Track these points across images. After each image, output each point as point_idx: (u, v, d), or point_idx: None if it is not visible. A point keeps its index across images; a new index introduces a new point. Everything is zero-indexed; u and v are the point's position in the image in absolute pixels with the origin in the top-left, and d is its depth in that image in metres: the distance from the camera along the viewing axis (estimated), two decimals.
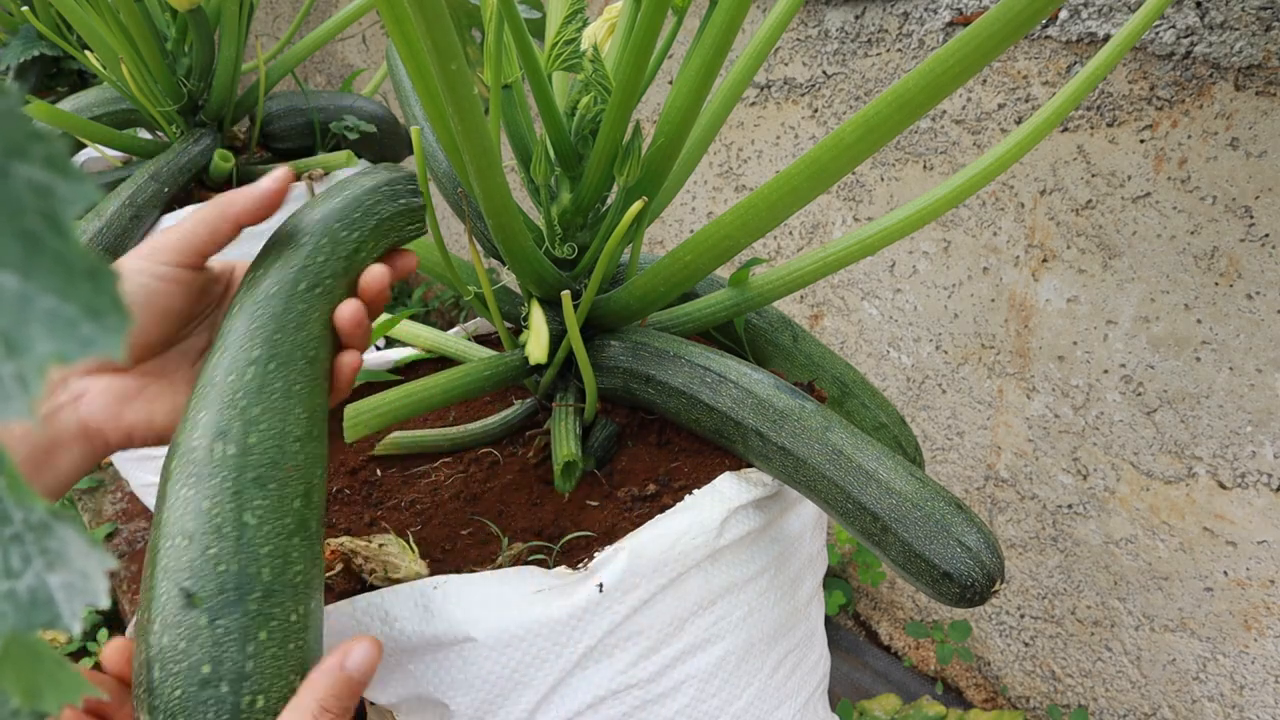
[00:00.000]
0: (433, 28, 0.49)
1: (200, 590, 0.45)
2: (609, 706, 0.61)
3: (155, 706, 0.43)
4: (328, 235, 0.57)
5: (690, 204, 1.59)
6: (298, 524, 0.49)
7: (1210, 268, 0.94)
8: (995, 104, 1.07)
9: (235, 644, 0.44)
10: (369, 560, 0.62)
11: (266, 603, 0.46)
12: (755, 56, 0.76)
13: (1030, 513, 1.21)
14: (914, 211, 0.67)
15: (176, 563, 0.45)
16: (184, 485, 0.47)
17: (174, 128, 1.38)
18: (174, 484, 0.48)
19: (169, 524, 0.47)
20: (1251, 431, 0.95)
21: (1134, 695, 1.17)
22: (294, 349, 0.53)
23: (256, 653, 0.45)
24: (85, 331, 0.17)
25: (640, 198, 0.66)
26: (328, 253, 0.57)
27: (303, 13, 1.41)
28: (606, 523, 0.68)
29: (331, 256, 0.57)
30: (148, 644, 0.44)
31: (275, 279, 0.55)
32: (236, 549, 0.46)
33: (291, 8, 2.64)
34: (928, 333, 1.25)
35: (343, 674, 0.46)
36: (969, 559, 0.58)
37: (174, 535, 0.46)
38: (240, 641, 0.44)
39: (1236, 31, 0.85)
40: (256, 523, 0.47)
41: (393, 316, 0.77)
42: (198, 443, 0.48)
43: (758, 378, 0.67)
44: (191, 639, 0.44)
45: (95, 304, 0.17)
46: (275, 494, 0.48)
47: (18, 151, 0.17)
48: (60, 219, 0.17)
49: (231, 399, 0.50)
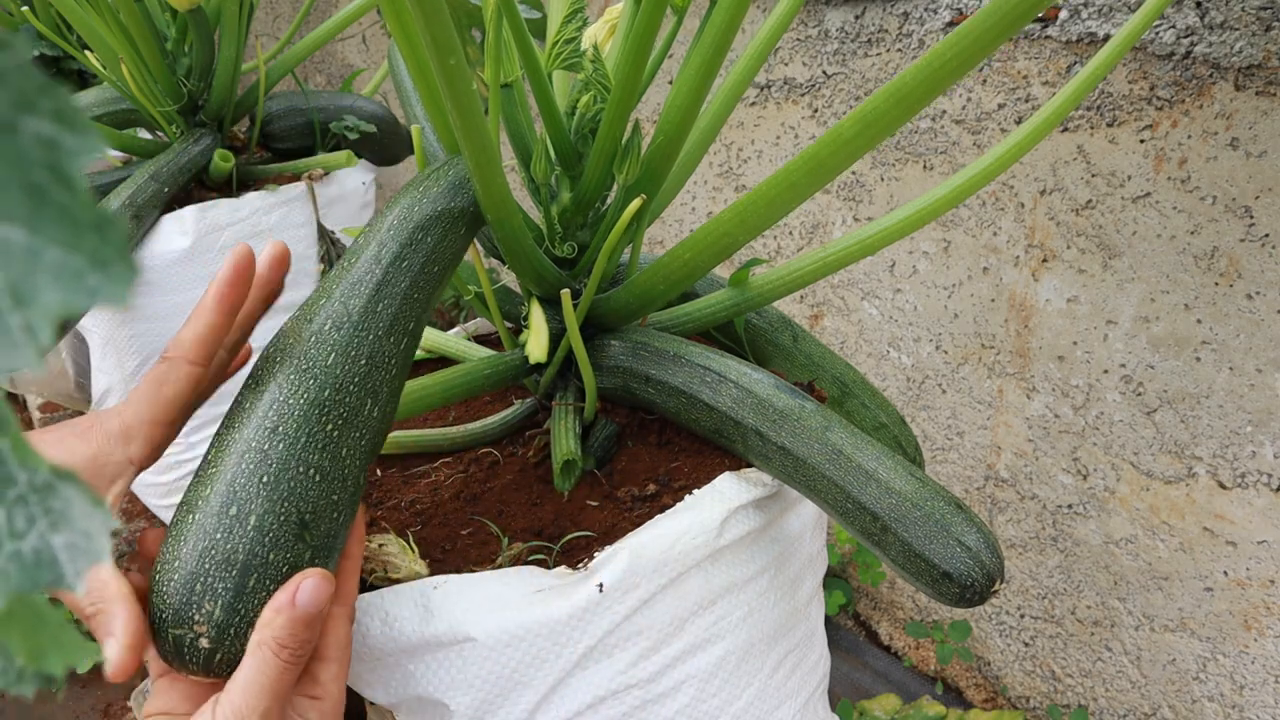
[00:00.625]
0: (433, 25, 0.49)
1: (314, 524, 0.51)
2: (609, 706, 0.61)
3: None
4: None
5: (690, 204, 1.59)
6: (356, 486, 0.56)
7: (1210, 268, 0.94)
8: (995, 104, 1.07)
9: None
10: (369, 560, 0.62)
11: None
12: (755, 56, 0.76)
13: (1030, 513, 1.21)
14: (914, 211, 0.67)
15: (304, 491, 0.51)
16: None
17: (174, 128, 1.38)
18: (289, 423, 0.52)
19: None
20: (1251, 431, 0.95)
21: (1134, 695, 1.17)
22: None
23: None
24: (91, 282, 0.17)
25: (639, 196, 0.66)
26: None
27: (303, 13, 1.41)
28: (606, 523, 0.67)
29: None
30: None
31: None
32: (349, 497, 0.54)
33: (291, 8, 2.64)
34: (928, 333, 1.25)
35: (295, 610, 0.48)
36: (969, 559, 0.58)
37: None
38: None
39: (1236, 31, 0.85)
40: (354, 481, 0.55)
41: None
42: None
43: (758, 378, 0.67)
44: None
45: (101, 255, 0.17)
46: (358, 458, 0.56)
47: (26, 105, 0.17)
48: (67, 172, 0.17)
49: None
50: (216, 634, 0.47)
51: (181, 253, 1.28)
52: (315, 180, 1.41)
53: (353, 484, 0.54)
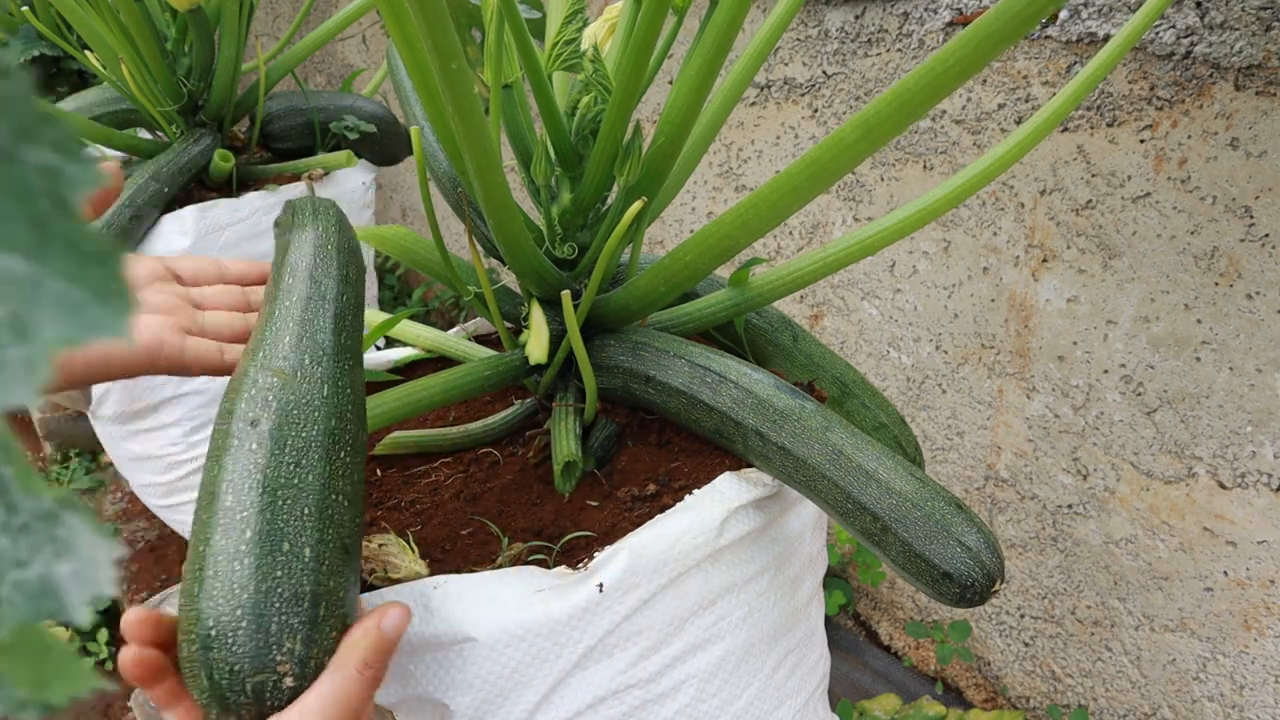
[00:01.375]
0: (433, 27, 0.49)
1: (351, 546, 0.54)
2: (609, 706, 0.61)
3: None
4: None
5: (690, 204, 1.59)
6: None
7: (1210, 268, 0.94)
8: (995, 104, 1.07)
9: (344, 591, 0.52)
10: (369, 560, 0.62)
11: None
12: (755, 56, 0.76)
13: (1030, 513, 1.21)
14: (914, 211, 0.67)
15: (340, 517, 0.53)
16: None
17: (174, 128, 1.37)
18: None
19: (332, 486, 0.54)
20: (1251, 431, 0.95)
21: (1134, 695, 1.17)
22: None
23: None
24: (93, 314, 0.17)
25: (640, 198, 0.66)
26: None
27: (303, 13, 1.41)
28: (606, 523, 0.67)
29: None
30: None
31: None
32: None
33: (291, 8, 2.64)
34: (928, 333, 1.25)
35: (379, 633, 0.50)
36: (969, 559, 0.58)
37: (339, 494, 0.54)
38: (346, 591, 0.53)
39: (1236, 31, 0.85)
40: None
41: (393, 316, 0.77)
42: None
43: (758, 378, 0.67)
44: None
45: (103, 287, 0.17)
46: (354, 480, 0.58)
47: (26, 134, 0.17)
48: (68, 202, 0.17)
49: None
50: (299, 669, 0.47)
51: (181, 253, 1.28)
52: (315, 180, 1.41)
53: (361, 504, 0.57)
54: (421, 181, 0.65)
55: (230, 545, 0.49)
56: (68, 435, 1.98)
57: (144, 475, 1.45)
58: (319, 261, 0.64)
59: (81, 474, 1.90)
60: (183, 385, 1.34)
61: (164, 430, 1.37)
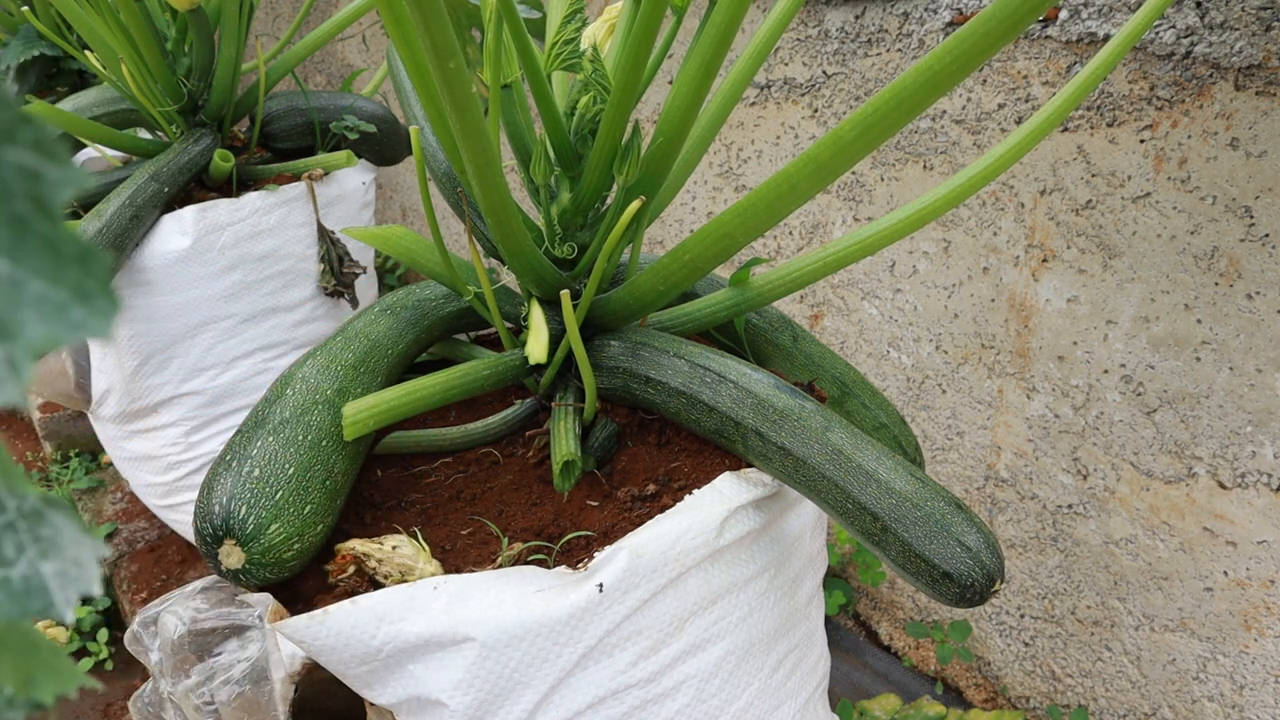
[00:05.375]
0: (430, 26, 0.49)
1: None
2: (609, 706, 0.61)
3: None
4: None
5: (690, 204, 1.59)
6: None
7: (1210, 268, 0.94)
8: (995, 104, 1.07)
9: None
10: (383, 563, 0.62)
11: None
12: (755, 56, 0.76)
13: (1030, 513, 1.21)
14: (914, 212, 0.67)
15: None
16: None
17: (174, 128, 1.37)
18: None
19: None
20: (1251, 431, 0.95)
21: (1134, 695, 1.17)
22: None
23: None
24: (75, 315, 0.17)
25: (639, 197, 0.66)
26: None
27: (303, 13, 1.41)
28: (606, 523, 0.67)
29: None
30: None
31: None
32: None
33: (291, 8, 2.64)
34: (928, 333, 1.25)
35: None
36: (969, 559, 0.58)
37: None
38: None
39: (1236, 31, 0.85)
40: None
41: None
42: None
43: (758, 378, 0.67)
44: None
45: (84, 287, 0.17)
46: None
47: (6, 135, 0.17)
48: (48, 203, 0.17)
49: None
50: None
51: (181, 253, 1.28)
52: (315, 180, 1.41)
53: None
54: (421, 181, 0.65)
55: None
56: (68, 435, 1.98)
57: (144, 475, 1.45)
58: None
59: (81, 474, 1.90)
60: (183, 385, 1.34)
61: (164, 430, 1.37)
